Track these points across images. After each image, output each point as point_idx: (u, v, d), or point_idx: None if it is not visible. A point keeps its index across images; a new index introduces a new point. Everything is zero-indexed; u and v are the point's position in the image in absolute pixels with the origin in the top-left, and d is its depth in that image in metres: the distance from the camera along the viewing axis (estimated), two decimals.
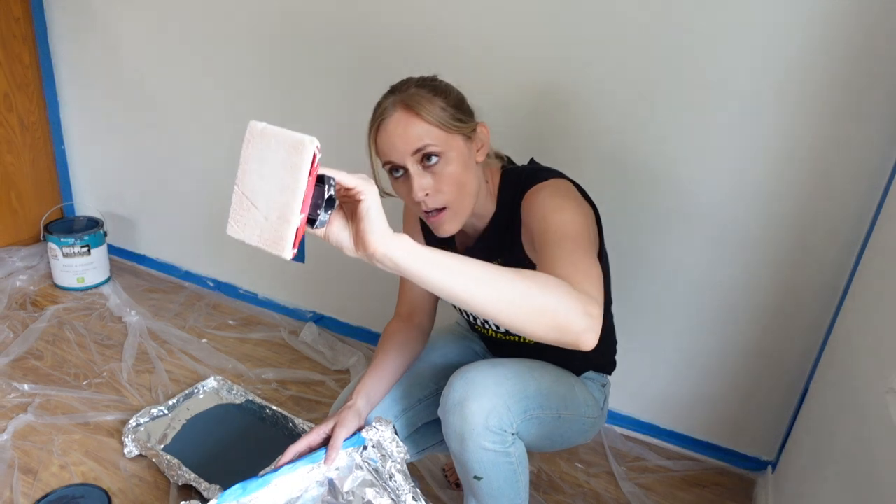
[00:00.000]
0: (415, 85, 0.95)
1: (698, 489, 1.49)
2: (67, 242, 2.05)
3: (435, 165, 0.93)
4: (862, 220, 1.27)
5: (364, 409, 1.03)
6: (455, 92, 0.98)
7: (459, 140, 0.95)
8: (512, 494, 1.01)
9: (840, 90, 1.22)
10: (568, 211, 0.91)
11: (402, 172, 0.95)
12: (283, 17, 1.73)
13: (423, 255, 0.67)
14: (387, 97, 0.95)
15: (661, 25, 1.31)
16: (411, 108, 0.91)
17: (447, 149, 0.93)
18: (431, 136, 0.91)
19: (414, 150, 0.92)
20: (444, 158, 0.93)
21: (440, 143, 0.92)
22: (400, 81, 0.97)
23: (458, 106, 0.96)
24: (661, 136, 1.38)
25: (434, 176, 0.93)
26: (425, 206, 0.95)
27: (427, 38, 1.55)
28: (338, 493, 0.94)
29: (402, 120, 0.91)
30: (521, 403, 0.97)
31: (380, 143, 0.94)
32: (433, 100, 0.92)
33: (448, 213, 0.96)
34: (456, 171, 0.94)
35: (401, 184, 0.96)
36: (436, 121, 0.91)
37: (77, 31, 2.12)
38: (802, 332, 1.39)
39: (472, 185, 0.97)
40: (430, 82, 0.96)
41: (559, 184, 0.99)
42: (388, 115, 0.92)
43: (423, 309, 1.18)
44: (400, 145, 0.92)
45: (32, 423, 1.50)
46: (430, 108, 0.91)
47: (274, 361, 1.84)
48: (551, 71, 1.44)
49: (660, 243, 1.47)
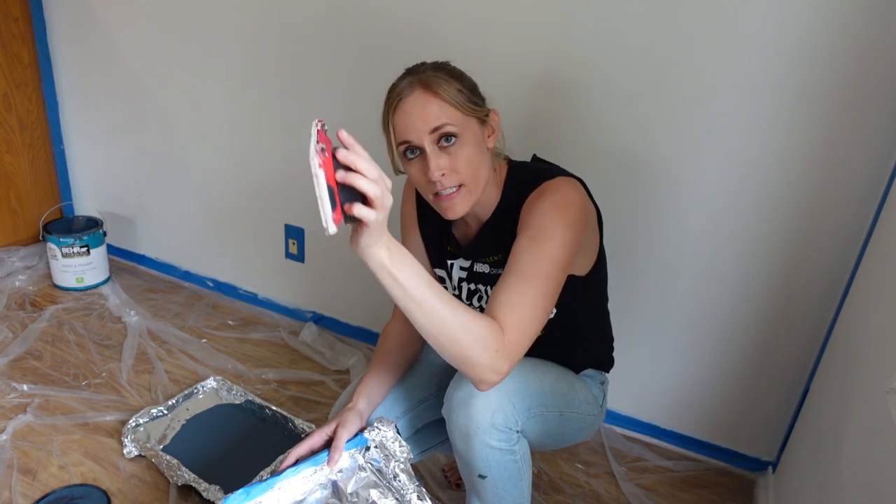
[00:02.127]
0: (431, 68, 0.95)
1: (699, 489, 1.49)
2: (67, 242, 2.05)
3: (451, 146, 0.93)
4: (863, 220, 1.27)
5: (365, 410, 1.03)
6: (469, 77, 0.99)
7: (474, 123, 0.96)
8: (516, 493, 1.01)
9: (841, 89, 1.22)
10: (554, 241, 0.91)
11: (418, 153, 0.95)
12: (282, 17, 1.73)
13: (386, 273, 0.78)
14: (403, 78, 0.96)
15: (662, 24, 1.31)
16: (430, 88, 0.92)
17: (464, 130, 0.94)
18: (449, 116, 0.92)
19: (432, 129, 0.92)
20: (461, 139, 0.94)
21: (458, 123, 0.93)
22: (414, 65, 0.98)
23: (473, 90, 0.97)
24: (661, 135, 1.38)
25: (450, 156, 0.94)
26: (441, 185, 0.95)
27: (425, 35, 1.55)
28: (342, 495, 0.94)
29: (420, 99, 0.92)
30: (525, 401, 0.97)
31: (397, 122, 0.94)
32: (450, 81, 0.94)
33: (462, 192, 0.96)
34: (471, 152, 0.95)
35: (415, 164, 0.96)
36: (454, 101, 0.92)
37: (76, 31, 2.11)
38: (803, 333, 1.39)
39: (485, 170, 0.98)
40: (446, 66, 0.97)
41: (564, 189, 0.98)
42: (406, 94, 0.93)
43: None
44: (419, 124, 0.92)
45: (31, 423, 1.49)
46: (447, 89, 0.92)
47: (274, 362, 1.84)
48: (550, 67, 1.44)
49: (659, 243, 1.46)
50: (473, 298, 1.12)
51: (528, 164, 1.07)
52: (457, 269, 1.12)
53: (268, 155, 1.91)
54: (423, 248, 1.16)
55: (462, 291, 1.12)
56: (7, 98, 2.12)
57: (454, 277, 1.12)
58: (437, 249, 1.15)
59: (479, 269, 1.09)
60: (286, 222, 1.97)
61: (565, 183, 0.99)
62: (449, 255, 1.12)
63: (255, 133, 1.91)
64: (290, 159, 1.88)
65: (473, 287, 1.11)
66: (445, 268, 1.14)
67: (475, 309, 1.11)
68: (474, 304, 1.12)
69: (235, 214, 2.06)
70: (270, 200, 1.97)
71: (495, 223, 1.05)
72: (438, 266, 1.16)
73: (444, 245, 1.13)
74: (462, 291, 1.12)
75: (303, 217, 1.94)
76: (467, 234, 1.10)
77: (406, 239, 1.18)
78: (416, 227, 1.16)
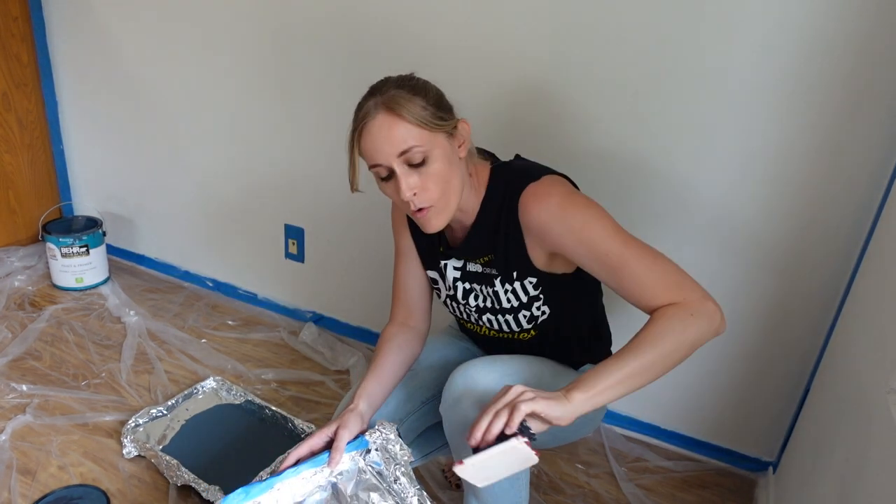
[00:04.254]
0: (394, 86, 0.95)
1: (699, 490, 1.49)
2: (66, 242, 2.05)
3: (421, 165, 0.94)
4: (863, 221, 1.27)
5: (366, 412, 1.03)
6: (434, 89, 0.98)
7: (442, 138, 0.95)
8: (513, 492, 1.01)
9: (840, 89, 1.21)
10: (597, 220, 0.95)
11: (389, 174, 0.95)
12: (282, 18, 1.72)
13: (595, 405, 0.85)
14: (367, 99, 0.95)
15: (659, 21, 1.31)
16: (393, 111, 0.91)
17: (431, 147, 0.94)
18: (415, 137, 0.92)
19: (399, 153, 0.92)
20: (430, 157, 0.94)
21: (424, 142, 0.93)
22: (379, 82, 0.97)
23: (438, 104, 0.96)
24: (659, 136, 1.38)
25: (420, 175, 0.94)
26: (413, 205, 0.96)
27: (425, 36, 1.55)
28: (341, 497, 0.94)
29: (384, 122, 0.92)
30: None
31: (364, 145, 0.95)
32: (413, 100, 0.93)
33: (433, 211, 0.97)
34: (441, 168, 0.95)
35: (388, 185, 0.97)
36: (418, 121, 0.92)
37: (76, 31, 2.11)
38: (803, 333, 1.39)
39: (457, 181, 0.98)
40: (409, 81, 0.96)
41: (559, 188, 0.98)
42: (370, 118, 0.93)
43: (418, 312, 1.18)
44: (385, 148, 0.92)
45: (31, 423, 1.49)
46: (411, 109, 0.92)
47: (273, 362, 1.84)
48: (542, 64, 1.44)
49: (658, 242, 1.46)
50: (470, 297, 1.11)
51: (511, 164, 1.07)
52: (450, 269, 1.12)
53: (268, 154, 1.91)
54: (417, 253, 1.17)
55: (458, 291, 1.12)
56: (6, 98, 2.12)
57: (448, 277, 1.12)
58: (429, 251, 1.15)
59: (472, 269, 1.09)
60: (286, 222, 1.97)
61: (553, 182, 0.99)
62: (441, 255, 1.13)
63: (255, 133, 1.91)
64: (290, 159, 1.88)
65: (468, 286, 1.11)
66: (438, 269, 1.14)
67: (472, 308, 1.12)
68: (471, 302, 1.12)
69: (235, 214, 2.06)
70: (270, 200, 1.97)
71: (482, 225, 1.05)
72: (431, 268, 1.16)
73: (435, 246, 1.13)
74: (458, 291, 1.12)
75: (302, 217, 1.94)
76: (456, 238, 1.11)
77: (399, 244, 1.18)
78: (406, 232, 1.16)
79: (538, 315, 1.08)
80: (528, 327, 1.10)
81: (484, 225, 1.04)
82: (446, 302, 1.17)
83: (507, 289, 1.06)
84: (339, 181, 1.81)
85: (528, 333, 1.11)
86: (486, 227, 1.04)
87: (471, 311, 1.13)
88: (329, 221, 1.89)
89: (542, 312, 1.08)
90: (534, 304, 1.06)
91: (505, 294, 1.06)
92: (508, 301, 1.07)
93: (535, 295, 1.05)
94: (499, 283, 1.06)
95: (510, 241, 1.02)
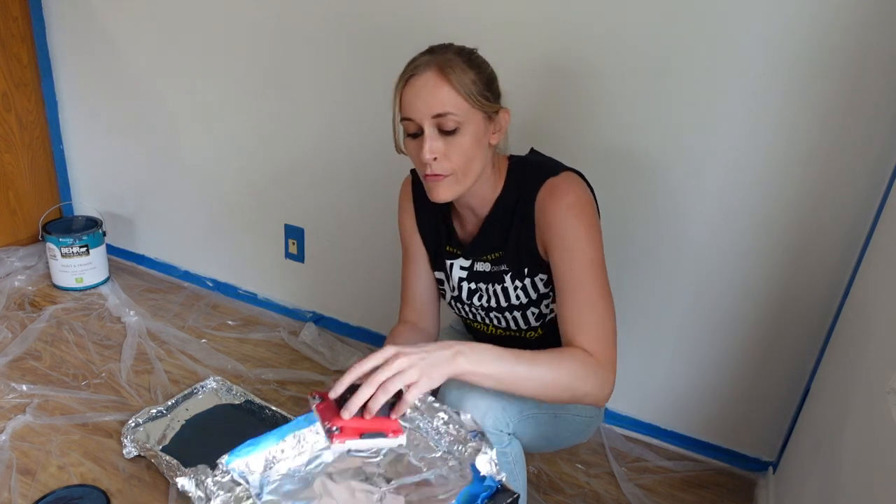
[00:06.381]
0: (453, 52, 0.95)
1: (699, 490, 1.49)
2: (66, 242, 2.05)
3: (450, 134, 0.94)
4: (863, 220, 1.27)
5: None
6: (489, 70, 0.99)
7: (479, 116, 0.96)
8: None
9: (841, 89, 1.21)
10: (589, 244, 0.96)
11: (417, 132, 0.96)
12: (281, 18, 1.72)
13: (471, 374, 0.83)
14: (423, 55, 0.96)
15: (662, 24, 1.31)
16: (443, 73, 0.92)
17: (466, 121, 0.94)
18: (455, 105, 0.92)
19: (435, 114, 0.93)
20: (461, 129, 0.94)
21: (461, 113, 0.93)
22: (439, 44, 0.98)
23: (488, 84, 0.97)
24: (661, 135, 1.38)
25: (446, 143, 0.94)
26: (430, 168, 0.96)
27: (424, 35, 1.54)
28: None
29: (430, 80, 0.92)
30: (517, 403, 0.97)
31: (405, 96, 0.95)
32: (467, 71, 0.93)
33: (446, 181, 0.97)
34: (468, 143, 0.95)
35: (413, 142, 0.97)
36: (463, 91, 0.92)
37: (76, 30, 2.11)
38: (803, 332, 1.39)
39: (479, 162, 0.98)
40: (469, 54, 0.97)
41: (576, 189, 0.99)
42: (419, 72, 0.93)
43: (428, 315, 1.18)
44: (422, 106, 0.93)
45: (31, 423, 1.49)
46: (461, 78, 0.92)
47: (273, 362, 1.84)
48: (550, 65, 1.44)
49: (659, 242, 1.46)
50: (474, 297, 1.11)
51: (528, 159, 1.08)
52: (456, 269, 1.12)
53: (268, 154, 1.91)
54: (426, 254, 1.17)
55: (462, 291, 1.12)
56: (6, 97, 2.12)
57: (453, 277, 1.12)
58: (435, 251, 1.15)
59: (480, 268, 1.09)
60: (286, 222, 1.97)
61: (572, 181, 1.00)
62: (448, 255, 1.12)
63: (255, 133, 1.91)
64: (290, 159, 1.88)
65: (474, 286, 1.11)
66: (444, 269, 1.14)
67: (477, 308, 1.12)
68: (475, 302, 1.12)
69: (235, 214, 2.06)
70: (270, 200, 1.97)
71: (497, 218, 1.05)
72: (437, 269, 1.16)
73: (442, 246, 1.13)
74: (462, 291, 1.12)
75: (302, 217, 1.94)
76: (468, 231, 1.11)
77: (407, 246, 1.18)
78: (416, 234, 1.16)
79: (546, 313, 1.08)
80: (535, 325, 1.10)
81: (498, 218, 1.05)
82: (451, 303, 1.17)
83: (517, 285, 1.06)
84: (339, 181, 1.81)
85: (536, 332, 1.11)
86: (500, 221, 1.04)
87: (476, 311, 1.13)
88: (329, 221, 1.89)
89: (550, 310, 1.08)
90: (542, 302, 1.07)
91: (514, 291, 1.06)
92: (518, 298, 1.07)
93: (544, 292, 1.06)
94: (509, 279, 1.06)
95: (523, 235, 1.02)
